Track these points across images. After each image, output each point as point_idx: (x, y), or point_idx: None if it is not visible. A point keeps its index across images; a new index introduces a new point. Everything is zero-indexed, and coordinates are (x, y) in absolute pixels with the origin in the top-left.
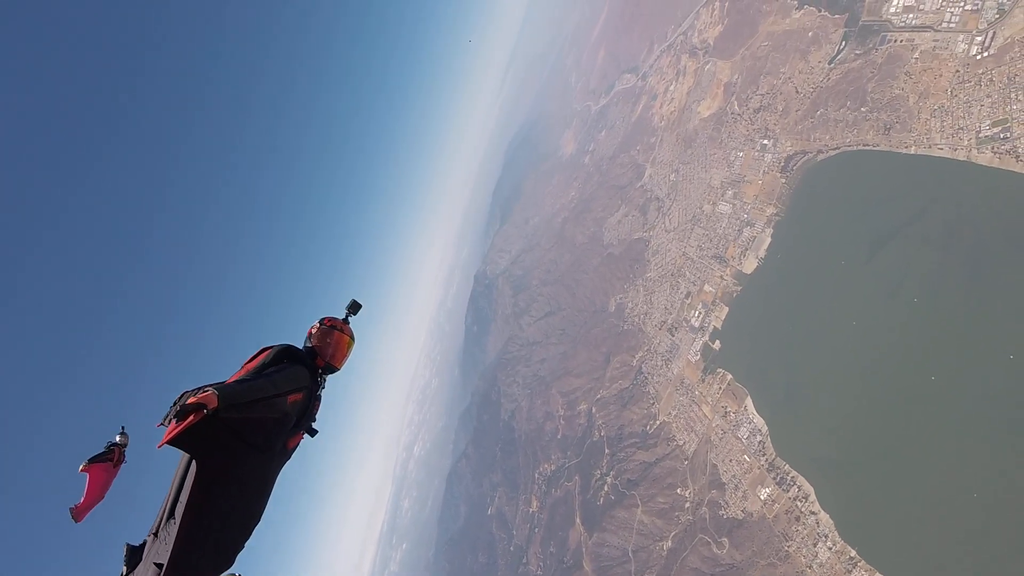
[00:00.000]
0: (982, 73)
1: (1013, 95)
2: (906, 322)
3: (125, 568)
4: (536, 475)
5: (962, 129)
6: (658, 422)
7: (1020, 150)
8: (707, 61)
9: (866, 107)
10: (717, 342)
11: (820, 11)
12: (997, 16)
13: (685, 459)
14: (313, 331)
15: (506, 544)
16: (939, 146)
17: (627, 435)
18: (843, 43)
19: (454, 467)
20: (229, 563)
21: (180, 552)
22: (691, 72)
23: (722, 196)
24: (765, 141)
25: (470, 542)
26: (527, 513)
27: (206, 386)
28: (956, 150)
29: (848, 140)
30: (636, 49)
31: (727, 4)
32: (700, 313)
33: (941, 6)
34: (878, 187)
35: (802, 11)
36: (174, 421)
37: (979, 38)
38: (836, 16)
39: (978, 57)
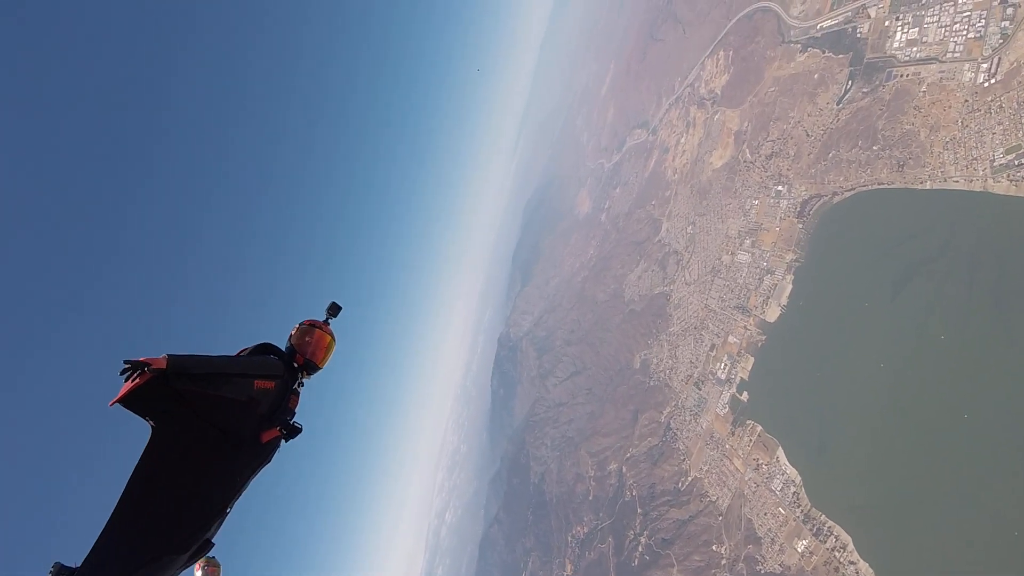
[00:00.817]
0: (991, 100)
1: None
2: (935, 360)
3: None
4: (569, 538)
5: (976, 159)
6: (690, 478)
7: None
8: (716, 111)
9: (878, 145)
10: (745, 394)
11: (824, 52)
12: (1001, 41)
13: (719, 515)
14: (293, 332)
15: None
16: (954, 179)
17: (659, 493)
18: (850, 82)
19: (486, 533)
20: (180, 548)
21: (115, 523)
22: (700, 123)
23: (740, 245)
24: (779, 187)
25: None
26: None
27: None
28: (972, 181)
29: (863, 180)
30: (645, 104)
31: (731, 53)
32: (726, 365)
33: (944, 37)
34: (896, 225)
35: (806, 54)
36: (127, 382)
37: (985, 65)
38: (840, 56)
39: (985, 85)
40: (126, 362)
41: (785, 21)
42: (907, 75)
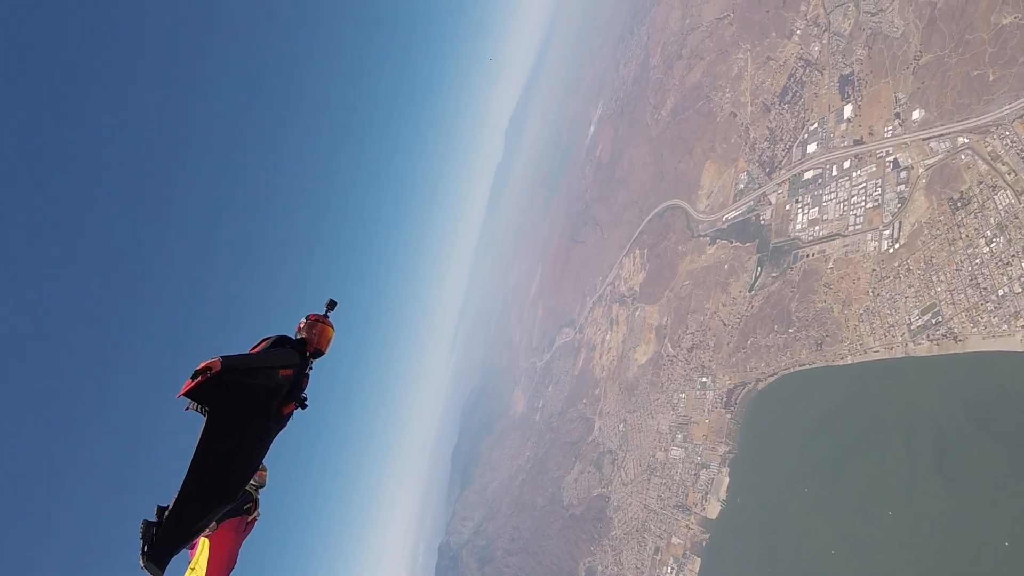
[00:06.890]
0: (898, 265)
1: (935, 278)
2: (886, 537)
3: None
4: None
5: (893, 326)
6: None
7: (956, 330)
8: (636, 307)
9: (793, 327)
10: None
11: (732, 243)
12: (899, 205)
13: None
14: (302, 325)
15: None
16: (874, 349)
17: None
18: (759, 268)
19: None
20: (231, 497)
21: (190, 481)
22: (623, 320)
23: (672, 441)
24: (704, 379)
25: None
26: None
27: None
28: (892, 348)
29: (783, 363)
30: (571, 303)
31: (646, 251)
32: (672, 569)
33: (844, 211)
34: (824, 404)
35: (715, 246)
36: (188, 380)
37: (887, 232)
38: (747, 244)
39: (890, 251)
40: (196, 371)
41: (693, 216)
42: (812, 254)
